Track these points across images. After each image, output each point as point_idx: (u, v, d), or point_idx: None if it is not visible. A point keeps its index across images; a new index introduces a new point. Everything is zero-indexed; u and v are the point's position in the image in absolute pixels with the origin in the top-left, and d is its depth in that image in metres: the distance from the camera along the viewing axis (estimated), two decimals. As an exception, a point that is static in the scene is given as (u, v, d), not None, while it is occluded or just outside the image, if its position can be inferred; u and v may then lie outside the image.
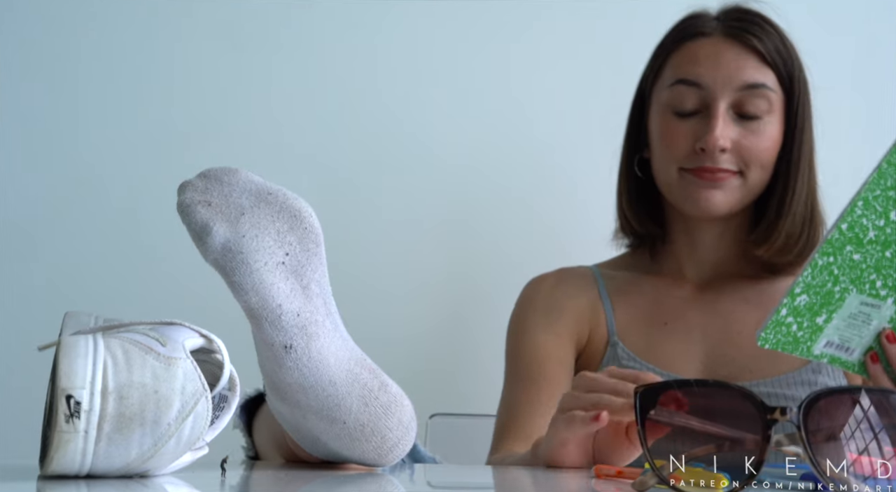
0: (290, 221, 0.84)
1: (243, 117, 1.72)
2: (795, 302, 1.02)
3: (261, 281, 0.82)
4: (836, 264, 1.01)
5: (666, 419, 0.75)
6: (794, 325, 1.03)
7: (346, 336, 0.88)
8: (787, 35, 1.35)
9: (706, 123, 1.30)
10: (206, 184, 0.83)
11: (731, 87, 1.30)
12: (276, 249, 0.83)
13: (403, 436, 0.88)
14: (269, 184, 0.85)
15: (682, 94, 1.32)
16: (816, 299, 1.02)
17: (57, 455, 0.71)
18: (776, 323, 1.03)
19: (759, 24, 1.34)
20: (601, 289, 1.40)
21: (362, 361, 0.87)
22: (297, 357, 0.83)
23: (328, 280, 0.87)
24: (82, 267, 1.68)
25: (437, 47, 1.75)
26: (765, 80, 1.32)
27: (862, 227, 1.00)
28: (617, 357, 1.33)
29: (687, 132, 1.32)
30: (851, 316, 1.06)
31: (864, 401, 0.74)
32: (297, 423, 0.89)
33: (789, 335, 1.03)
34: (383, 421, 0.87)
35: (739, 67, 1.31)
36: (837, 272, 1.02)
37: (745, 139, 1.31)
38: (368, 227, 1.71)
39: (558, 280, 1.42)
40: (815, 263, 1.01)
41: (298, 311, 0.84)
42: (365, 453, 0.88)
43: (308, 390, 0.85)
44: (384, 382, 0.88)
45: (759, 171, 1.32)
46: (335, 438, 0.87)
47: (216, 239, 0.81)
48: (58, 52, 1.71)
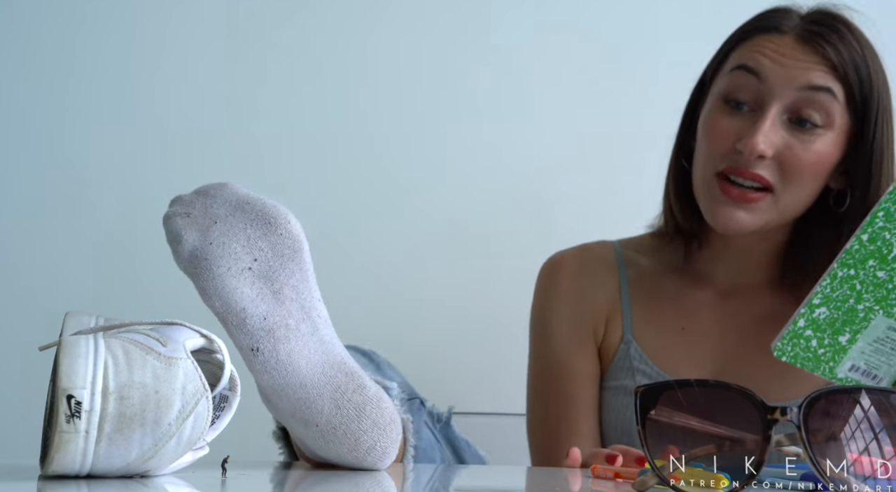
0: (264, 228, 0.86)
1: (244, 118, 1.72)
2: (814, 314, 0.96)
3: (223, 286, 0.85)
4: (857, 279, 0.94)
5: (666, 419, 0.75)
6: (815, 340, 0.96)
7: (326, 340, 0.88)
8: (874, 52, 1.23)
9: (754, 122, 1.20)
10: (192, 198, 0.88)
11: (791, 87, 1.19)
12: (244, 255, 0.85)
13: (380, 438, 0.88)
14: (252, 194, 0.88)
15: (740, 82, 1.22)
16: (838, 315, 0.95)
17: (57, 455, 0.71)
18: (793, 334, 0.97)
19: (840, 31, 1.22)
20: (622, 280, 1.34)
21: (339, 365, 0.88)
22: (264, 360, 0.85)
23: (312, 285, 0.88)
24: (82, 267, 1.68)
25: (440, 46, 1.75)
26: (830, 86, 1.20)
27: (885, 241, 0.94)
28: (629, 357, 1.29)
29: (732, 127, 1.22)
30: (878, 340, 0.98)
31: (864, 401, 0.74)
32: (285, 424, 0.90)
33: (808, 351, 0.97)
34: (356, 423, 0.87)
35: (804, 70, 1.20)
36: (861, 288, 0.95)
37: (790, 149, 1.19)
38: (373, 227, 1.71)
39: (578, 267, 1.36)
40: (835, 273, 0.95)
41: (265, 314, 0.85)
42: (341, 455, 0.88)
43: (279, 393, 0.86)
44: (361, 384, 0.88)
45: (795, 190, 1.21)
46: (311, 440, 0.88)
47: (185, 247, 0.85)
48: (56, 53, 1.71)
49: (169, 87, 1.72)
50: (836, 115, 1.20)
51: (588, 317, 1.33)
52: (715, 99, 1.25)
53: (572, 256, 1.37)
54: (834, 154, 1.22)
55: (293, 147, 1.72)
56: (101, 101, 1.71)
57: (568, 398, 1.30)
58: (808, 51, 1.21)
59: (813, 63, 1.20)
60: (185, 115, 1.72)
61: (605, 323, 1.33)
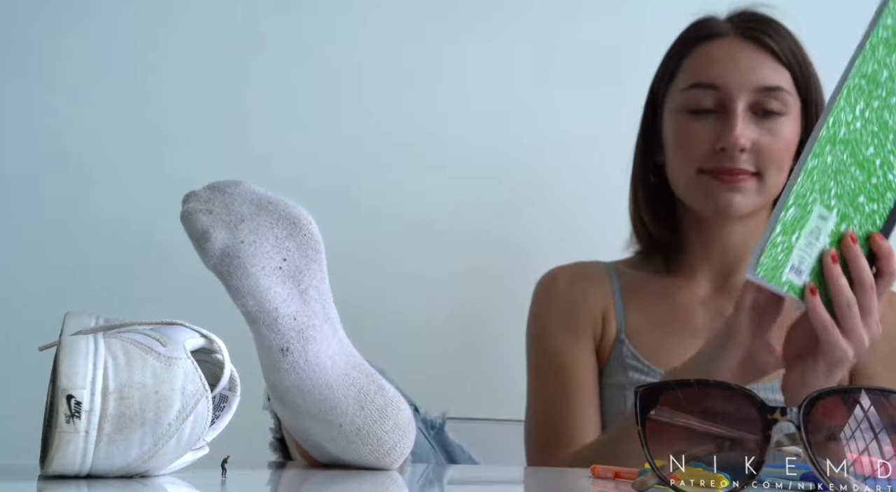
0: (289, 228, 0.86)
1: (246, 118, 1.72)
2: (787, 216, 0.88)
3: (257, 285, 0.84)
4: (817, 169, 0.88)
5: (666, 419, 0.75)
6: (780, 246, 0.89)
7: (344, 341, 0.89)
8: (797, 37, 1.34)
9: (724, 122, 1.29)
10: (209, 194, 0.87)
11: (747, 88, 1.28)
12: (274, 255, 0.85)
13: (400, 439, 0.89)
14: (270, 194, 0.88)
15: (699, 96, 1.31)
16: (801, 213, 0.88)
17: (57, 455, 0.71)
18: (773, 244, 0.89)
19: (772, 25, 1.33)
20: (614, 285, 1.39)
21: (360, 366, 0.88)
22: (293, 360, 0.85)
23: (328, 286, 0.88)
24: (82, 267, 1.68)
25: (441, 45, 1.74)
26: (780, 81, 1.30)
27: (838, 121, 0.88)
28: (622, 356, 1.34)
29: (705, 132, 1.30)
30: (811, 232, 0.92)
31: (864, 401, 0.74)
32: (298, 426, 0.90)
33: (775, 260, 0.89)
34: (379, 424, 0.87)
35: (755, 68, 1.29)
36: (816, 178, 0.88)
37: (763, 139, 1.28)
38: (372, 227, 1.71)
39: (573, 277, 1.41)
40: (807, 166, 0.88)
41: (295, 314, 0.85)
42: (362, 456, 0.88)
43: (305, 393, 0.86)
44: (381, 385, 0.89)
45: (775, 172, 1.29)
46: (332, 441, 0.88)
47: (215, 245, 0.84)
48: (56, 53, 1.71)
49: (169, 88, 1.72)
50: (790, 102, 1.30)
51: (585, 315, 1.38)
52: (677, 113, 1.33)
53: (567, 269, 1.43)
54: (796, 134, 1.31)
55: (293, 146, 1.72)
56: (103, 102, 1.71)
57: (571, 386, 1.34)
58: (752, 46, 1.31)
59: (760, 58, 1.30)
60: (186, 115, 1.72)
61: (601, 325, 1.37)
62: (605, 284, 1.40)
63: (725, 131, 1.27)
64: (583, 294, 1.39)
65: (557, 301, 1.40)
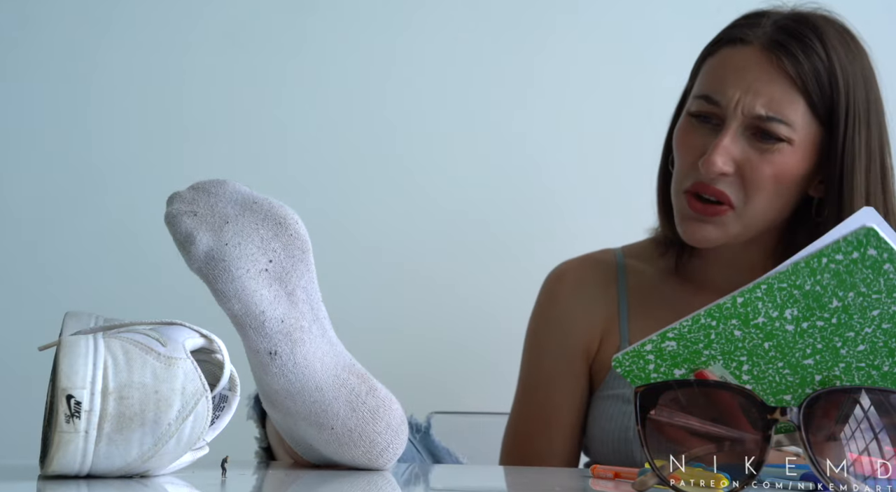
0: (275, 229, 0.85)
1: (248, 119, 1.72)
2: (663, 344, 0.93)
3: (243, 288, 0.84)
4: (715, 330, 0.92)
5: (666, 419, 0.75)
6: (653, 365, 0.94)
7: (334, 341, 0.88)
8: (850, 55, 1.21)
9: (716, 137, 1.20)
10: (193, 195, 0.86)
11: (742, 113, 1.19)
12: (260, 257, 0.84)
13: (393, 440, 0.88)
14: (255, 193, 0.86)
15: (702, 107, 1.21)
16: (683, 352, 0.93)
17: (57, 455, 0.71)
18: (637, 354, 0.94)
19: (805, 39, 1.20)
20: (621, 290, 1.34)
21: (350, 367, 0.88)
22: (282, 363, 0.84)
23: (317, 286, 0.87)
24: (82, 267, 1.68)
25: (447, 48, 1.74)
26: (784, 110, 1.18)
27: (755, 309, 0.91)
28: None
29: (698, 142, 1.22)
30: None
31: (864, 401, 0.74)
32: (290, 429, 0.89)
33: (643, 372, 0.94)
34: (371, 426, 0.87)
35: (760, 91, 1.19)
36: (714, 338, 0.93)
37: (750, 163, 1.19)
38: (369, 225, 1.71)
39: (578, 282, 1.36)
40: (698, 318, 0.93)
41: (282, 317, 0.85)
42: (355, 458, 0.88)
43: (295, 396, 0.86)
44: (372, 386, 0.88)
45: (759, 203, 1.20)
46: (325, 443, 0.88)
47: (199, 248, 0.83)
48: (58, 53, 1.71)
49: (169, 88, 1.72)
50: (796, 129, 1.18)
51: (580, 336, 1.33)
52: (686, 114, 1.25)
53: (573, 269, 1.38)
54: (800, 165, 1.20)
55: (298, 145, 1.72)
56: (103, 102, 1.71)
57: (547, 406, 1.31)
58: (769, 65, 1.19)
59: (771, 81, 1.19)
60: (187, 115, 1.72)
61: (599, 340, 1.33)
62: (609, 290, 1.35)
63: (709, 149, 1.19)
64: (584, 309, 1.34)
65: (556, 313, 1.35)
